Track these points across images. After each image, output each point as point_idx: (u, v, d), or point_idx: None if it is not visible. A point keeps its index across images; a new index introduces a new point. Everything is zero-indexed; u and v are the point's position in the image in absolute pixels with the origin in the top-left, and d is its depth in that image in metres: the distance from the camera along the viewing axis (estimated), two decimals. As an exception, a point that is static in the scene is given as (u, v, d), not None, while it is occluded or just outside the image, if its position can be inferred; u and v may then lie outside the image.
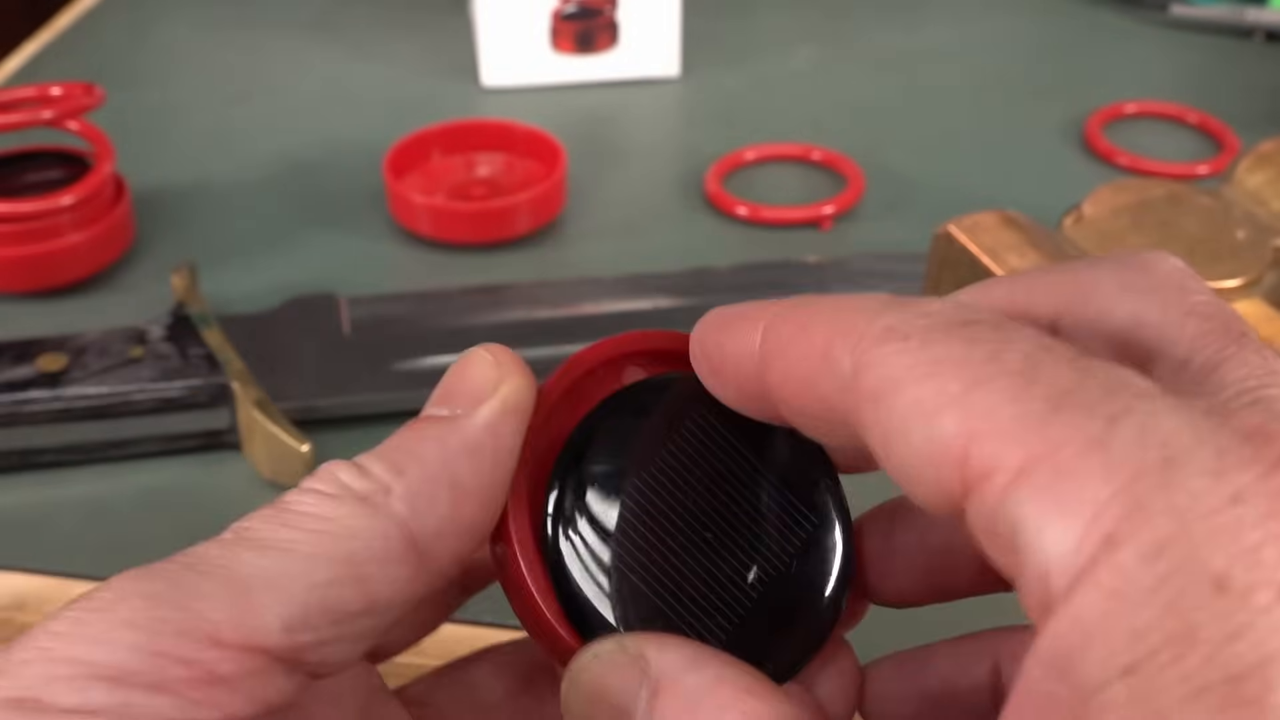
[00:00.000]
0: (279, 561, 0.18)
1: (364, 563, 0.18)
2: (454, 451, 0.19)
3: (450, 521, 0.19)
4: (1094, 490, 0.14)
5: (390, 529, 0.18)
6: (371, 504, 0.19)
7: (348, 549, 0.18)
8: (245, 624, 0.17)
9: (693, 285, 0.49)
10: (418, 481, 0.19)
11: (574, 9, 0.62)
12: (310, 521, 0.18)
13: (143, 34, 0.71)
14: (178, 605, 0.17)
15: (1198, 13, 0.70)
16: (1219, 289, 0.41)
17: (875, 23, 0.72)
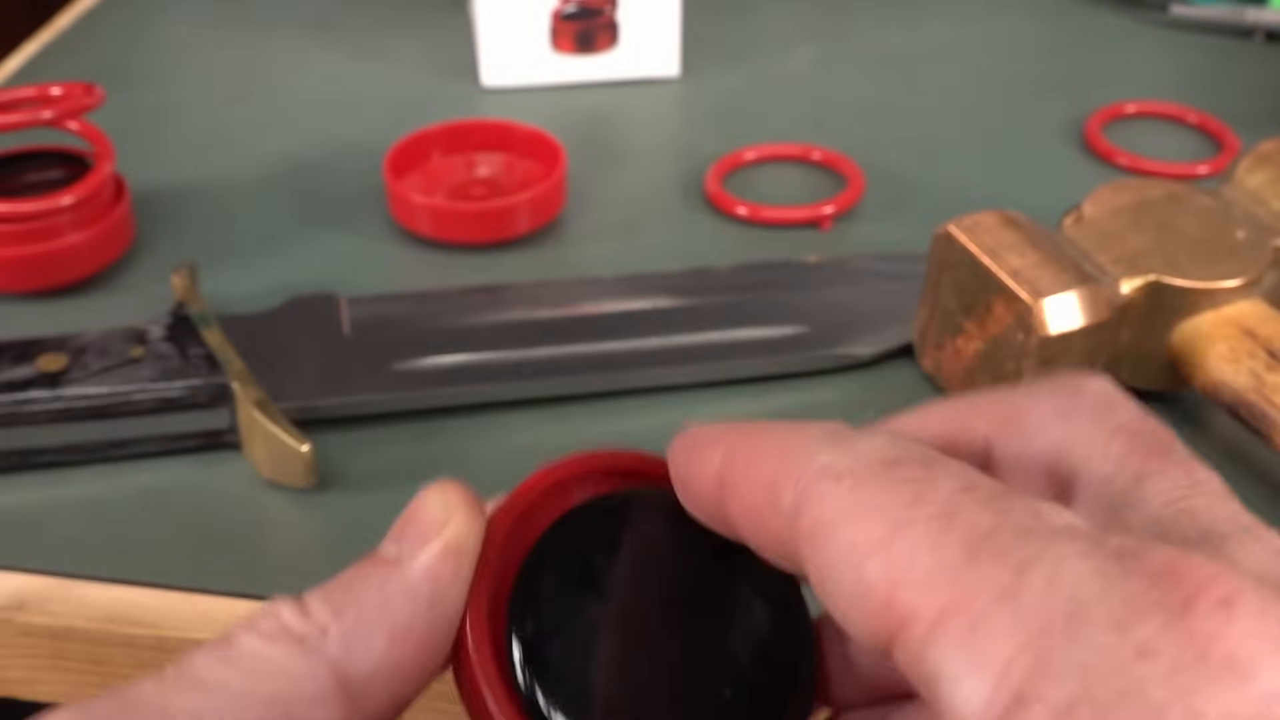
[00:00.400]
0: (210, 700, 0.19)
1: (292, 702, 0.19)
2: (392, 595, 0.20)
3: (385, 663, 0.20)
4: (1003, 644, 0.14)
5: (321, 670, 0.19)
6: (306, 645, 0.19)
7: (277, 689, 0.19)
8: None
9: (693, 285, 0.49)
10: (354, 624, 0.20)
11: (574, 9, 0.62)
12: (246, 660, 0.19)
13: (143, 34, 0.71)
14: None
15: (1198, 13, 0.70)
16: (1219, 289, 0.41)
17: (875, 23, 0.72)
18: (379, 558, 0.21)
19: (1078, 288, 0.40)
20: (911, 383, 0.45)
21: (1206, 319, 0.42)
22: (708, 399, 0.44)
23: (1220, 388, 0.40)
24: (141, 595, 0.38)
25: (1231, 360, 0.40)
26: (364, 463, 0.42)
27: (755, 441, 0.19)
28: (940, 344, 0.44)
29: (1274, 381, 0.39)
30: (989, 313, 0.41)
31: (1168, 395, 0.44)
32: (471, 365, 0.44)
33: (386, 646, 0.20)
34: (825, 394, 0.45)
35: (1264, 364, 0.40)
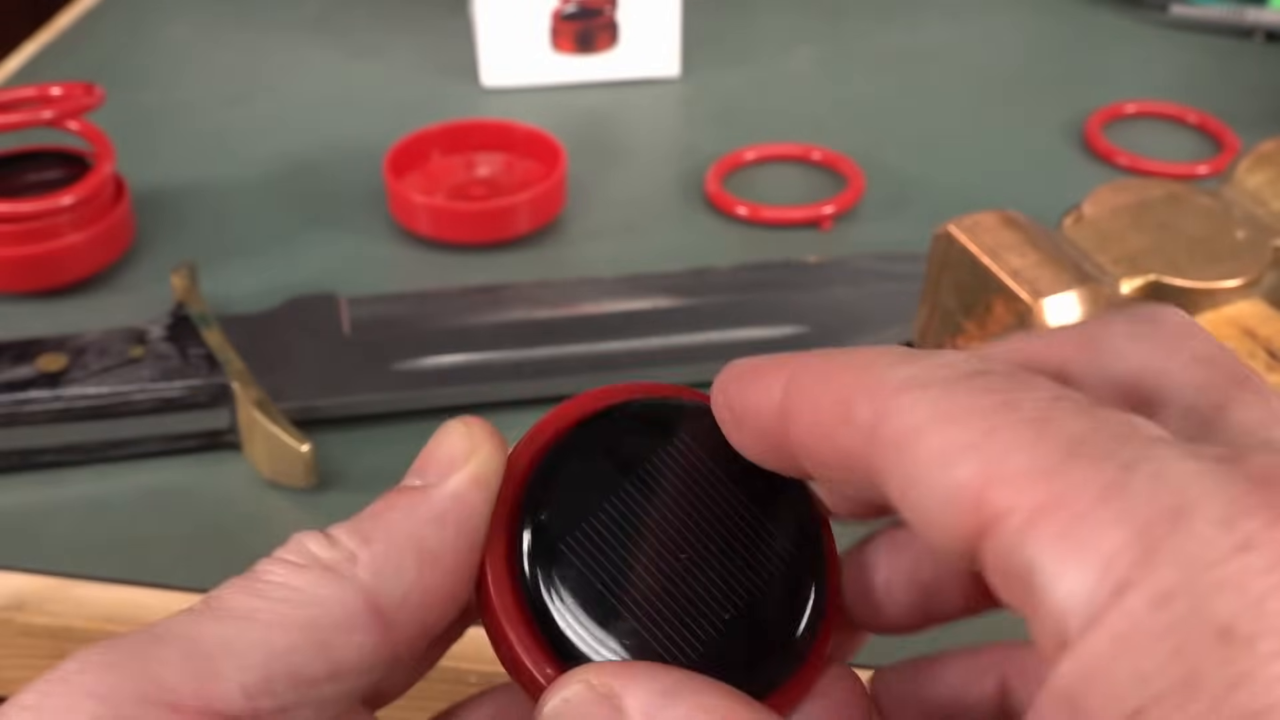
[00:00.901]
0: (241, 629, 0.18)
1: (325, 629, 0.19)
2: (421, 521, 0.20)
3: (416, 589, 0.19)
4: (1108, 537, 0.14)
5: (353, 597, 0.19)
6: (336, 572, 0.19)
7: (309, 616, 0.19)
8: (205, 690, 0.18)
9: (693, 285, 0.49)
10: (384, 550, 0.19)
11: (574, 9, 0.62)
12: (275, 590, 0.19)
13: (143, 34, 0.71)
14: (137, 674, 0.17)
15: (1198, 13, 0.70)
16: (1219, 289, 0.41)
17: (875, 23, 0.72)
18: (404, 488, 0.20)
19: (1078, 288, 0.40)
20: (911, 383, 0.45)
21: (1206, 319, 0.42)
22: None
23: (1220, 388, 0.40)
24: (141, 595, 0.38)
25: (1231, 360, 0.40)
26: (364, 463, 0.42)
27: (824, 364, 0.18)
28: (940, 344, 0.44)
29: (1274, 381, 0.39)
30: (989, 313, 0.41)
31: (1168, 395, 0.44)
32: (471, 365, 0.44)
33: (417, 572, 0.19)
34: (825, 394, 0.45)
35: (1264, 364, 0.40)
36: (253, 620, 0.18)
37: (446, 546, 0.20)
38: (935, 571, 0.23)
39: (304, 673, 0.18)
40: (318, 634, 0.19)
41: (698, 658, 0.20)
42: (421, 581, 0.19)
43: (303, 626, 0.19)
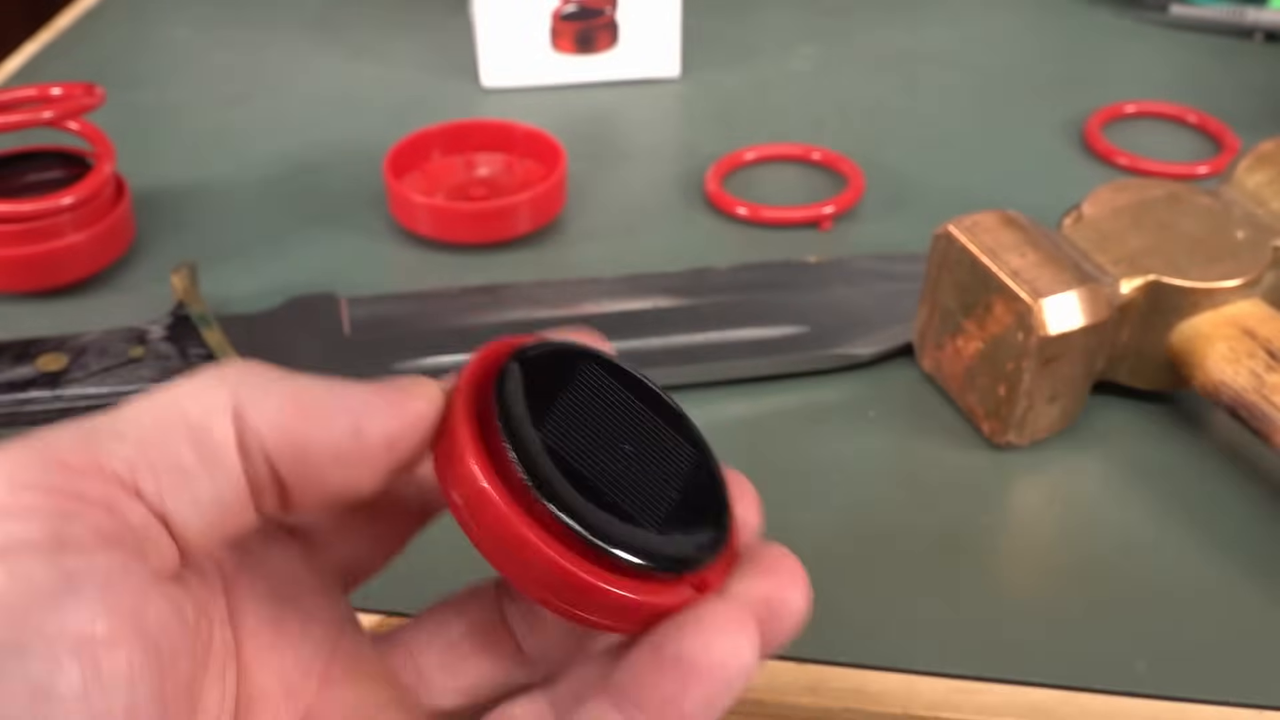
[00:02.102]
0: (126, 419, 0.21)
1: (195, 428, 0.21)
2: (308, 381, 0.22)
3: (284, 418, 0.21)
4: None
5: (224, 402, 0.21)
6: (210, 380, 0.22)
7: (180, 412, 0.21)
8: (89, 452, 0.20)
9: (693, 285, 0.49)
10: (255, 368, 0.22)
11: (574, 9, 0.62)
12: (159, 392, 0.21)
13: (143, 34, 0.71)
14: (34, 447, 0.20)
15: (1198, 13, 0.70)
16: (1219, 289, 0.41)
17: (875, 23, 0.72)
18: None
19: (1077, 288, 0.40)
20: (911, 383, 0.45)
21: (1206, 319, 0.42)
22: (708, 399, 0.44)
23: (1220, 388, 0.40)
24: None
25: (1231, 360, 0.40)
26: (364, 463, 0.42)
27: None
28: (940, 344, 0.44)
29: (1274, 381, 0.39)
30: (989, 313, 0.41)
31: (1168, 395, 0.44)
32: (471, 365, 0.44)
33: (279, 410, 0.21)
34: (825, 394, 0.45)
35: (1264, 364, 0.40)
36: (135, 408, 0.21)
37: (326, 406, 0.22)
38: None
39: (175, 459, 0.20)
40: (189, 431, 0.21)
41: (664, 524, 0.22)
42: (283, 418, 0.21)
43: (176, 419, 0.21)
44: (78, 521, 0.19)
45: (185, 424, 0.21)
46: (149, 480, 0.20)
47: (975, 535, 0.40)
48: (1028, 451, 0.42)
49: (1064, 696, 0.35)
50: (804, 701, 0.35)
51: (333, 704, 0.24)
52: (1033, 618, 0.37)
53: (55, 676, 0.18)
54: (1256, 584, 0.38)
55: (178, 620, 0.20)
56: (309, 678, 0.24)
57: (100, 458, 0.20)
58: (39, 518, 0.19)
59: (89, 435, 0.20)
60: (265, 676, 0.24)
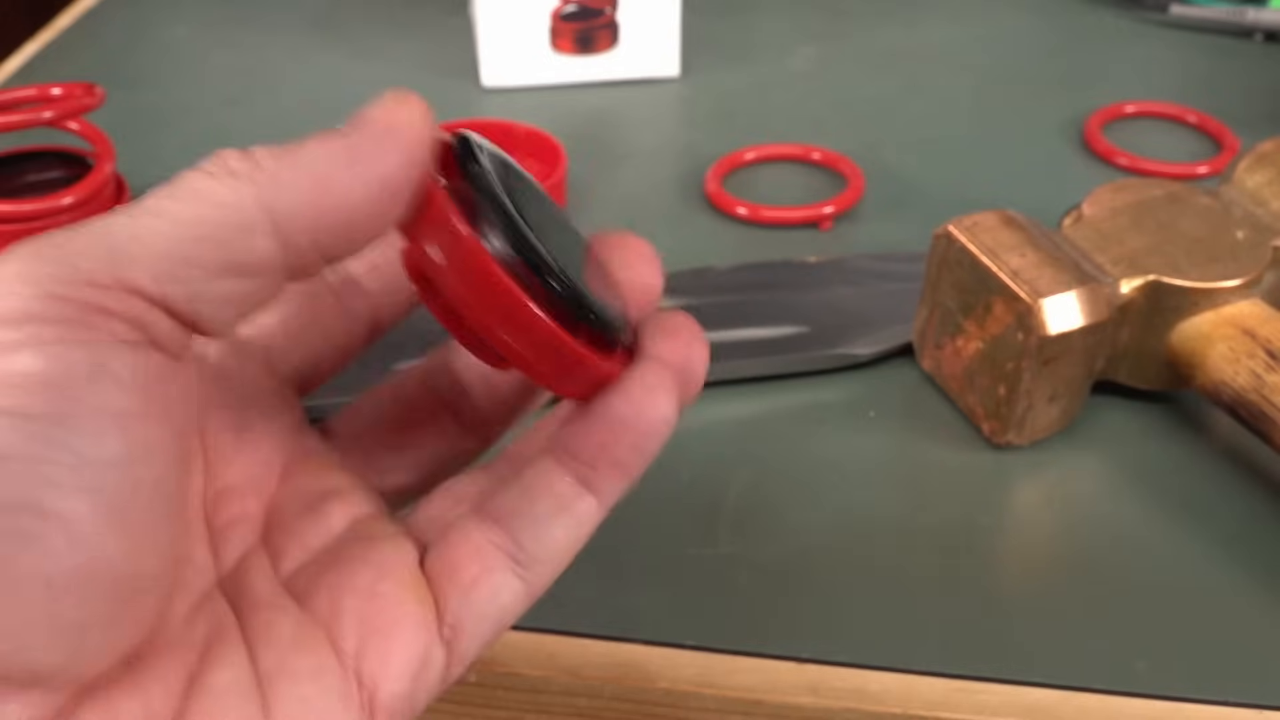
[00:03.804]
0: (149, 224, 0.21)
1: (224, 228, 0.21)
2: (328, 152, 0.22)
3: (308, 207, 0.22)
4: None
5: (249, 200, 0.21)
6: (239, 179, 0.22)
7: (210, 215, 0.21)
8: (116, 269, 0.20)
9: (693, 285, 0.49)
10: (288, 166, 0.22)
11: (574, 9, 0.62)
12: (185, 193, 0.21)
13: (143, 34, 0.71)
14: (58, 260, 0.20)
15: (1198, 13, 0.70)
16: (1219, 289, 0.41)
17: (875, 22, 0.72)
18: (331, 129, 0.23)
19: (1077, 288, 0.40)
20: (911, 383, 0.45)
21: (1206, 319, 0.42)
22: (708, 399, 0.45)
23: (1220, 388, 0.41)
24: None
25: (1231, 360, 0.40)
26: (364, 463, 0.42)
27: None
28: (940, 344, 0.44)
29: (1274, 381, 0.39)
30: (989, 313, 0.41)
31: (1168, 395, 0.44)
32: (471, 365, 0.44)
33: (311, 193, 0.22)
34: (825, 394, 0.45)
35: (1264, 364, 0.40)
36: (160, 217, 0.21)
37: (339, 174, 0.22)
38: None
39: (204, 263, 0.21)
40: (217, 231, 0.21)
41: (598, 298, 0.24)
42: (315, 202, 0.22)
43: (203, 223, 0.21)
44: (103, 325, 0.20)
45: (210, 221, 0.21)
46: (171, 285, 0.21)
47: (975, 535, 0.40)
48: (1028, 451, 0.42)
49: (1063, 696, 0.35)
50: (804, 701, 0.35)
51: (293, 494, 0.26)
52: (1032, 618, 0.37)
53: (98, 445, 0.20)
54: (1256, 584, 0.38)
55: (186, 404, 0.22)
56: (270, 472, 0.27)
57: (126, 278, 0.21)
58: (63, 324, 0.20)
59: (114, 251, 0.21)
60: (231, 473, 0.26)
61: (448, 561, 0.25)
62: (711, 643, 0.36)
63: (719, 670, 0.36)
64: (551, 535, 0.25)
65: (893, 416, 0.44)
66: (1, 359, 0.19)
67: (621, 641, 0.36)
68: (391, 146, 0.22)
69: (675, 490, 0.41)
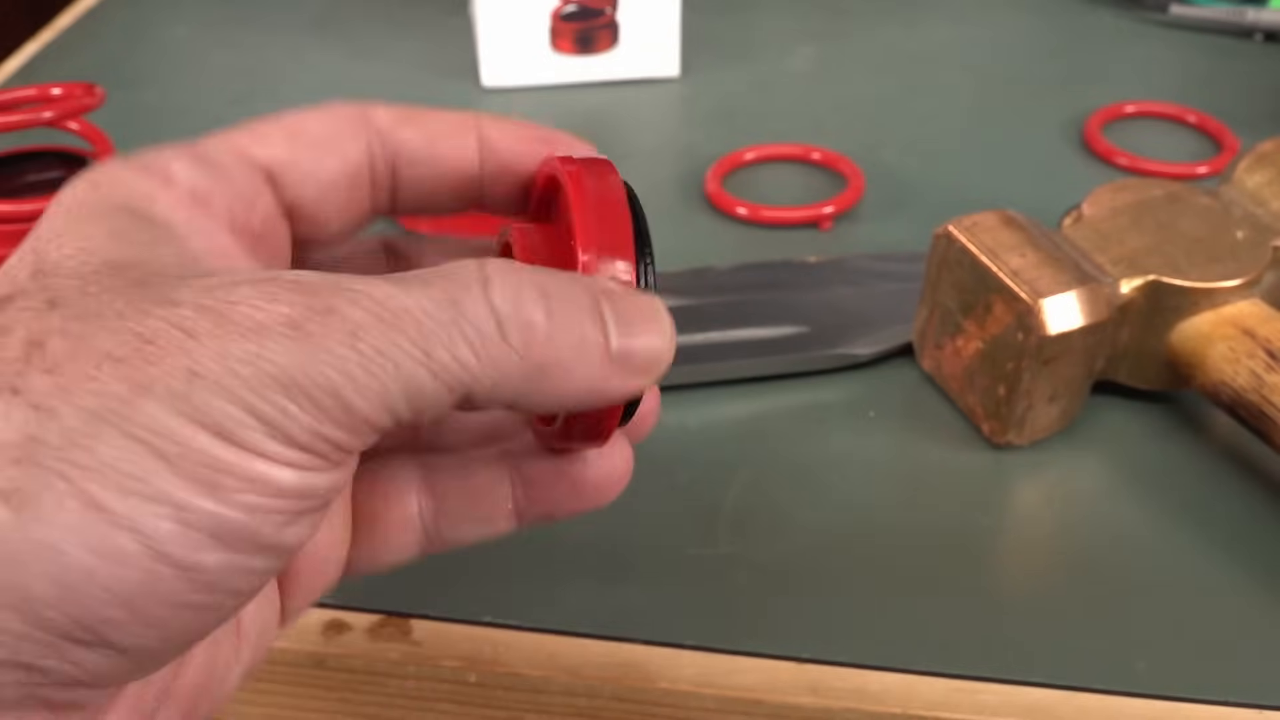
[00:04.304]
0: (270, 127, 0.25)
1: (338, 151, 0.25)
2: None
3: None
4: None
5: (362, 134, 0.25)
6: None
7: (324, 124, 0.25)
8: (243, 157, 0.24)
9: (693, 285, 0.49)
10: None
11: (574, 9, 0.62)
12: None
13: (143, 34, 0.71)
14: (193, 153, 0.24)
15: (1198, 13, 0.70)
16: (1218, 289, 0.41)
17: (875, 23, 0.72)
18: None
19: (1077, 288, 0.40)
20: (911, 383, 0.45)
21: (1206, 319, 0.42)
22: (708, 399, 0.45)
23: (1220, 388, 0.41)
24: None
25: (1231, 360, 0.40)
26: (364, 463, 0.42)
27: None
28: (940, 344, 0.44)
29: (1274, 381, 0.39)
30: (989, 313, 0.41)
31: (1168, 395, 0.44)
32: (471, 365, 0.44)
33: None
34: (825, 394, 0.45)
35: (1263, 364, 0.40)
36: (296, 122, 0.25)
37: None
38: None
39: (319, 170, 0.25)
40: (329, 150, 0.25)
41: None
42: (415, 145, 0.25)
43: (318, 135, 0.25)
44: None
45: (323, 142, 0.24)
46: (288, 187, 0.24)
47: (975, 535, 0.40)
48: (1028, 451, 0.42)
49: (1063, 696, 0.35)
50: (804, 701, 0.35)
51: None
52: (1032, 618, 0.37)
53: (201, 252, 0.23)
54: (1256, 584, 0.38)
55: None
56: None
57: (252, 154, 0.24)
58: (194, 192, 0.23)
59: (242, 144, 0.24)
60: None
61: (378, 505, 0.26)
62: (711, 643, 0.36)
63: (719, 670, 0.36)
64: (467, 536, 0.27)
65: (893, 416, 0.44)
66: None
67: (621, 641, 0.36)
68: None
69: (675, 490, 0.41)
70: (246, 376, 0.19)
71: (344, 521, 0.26)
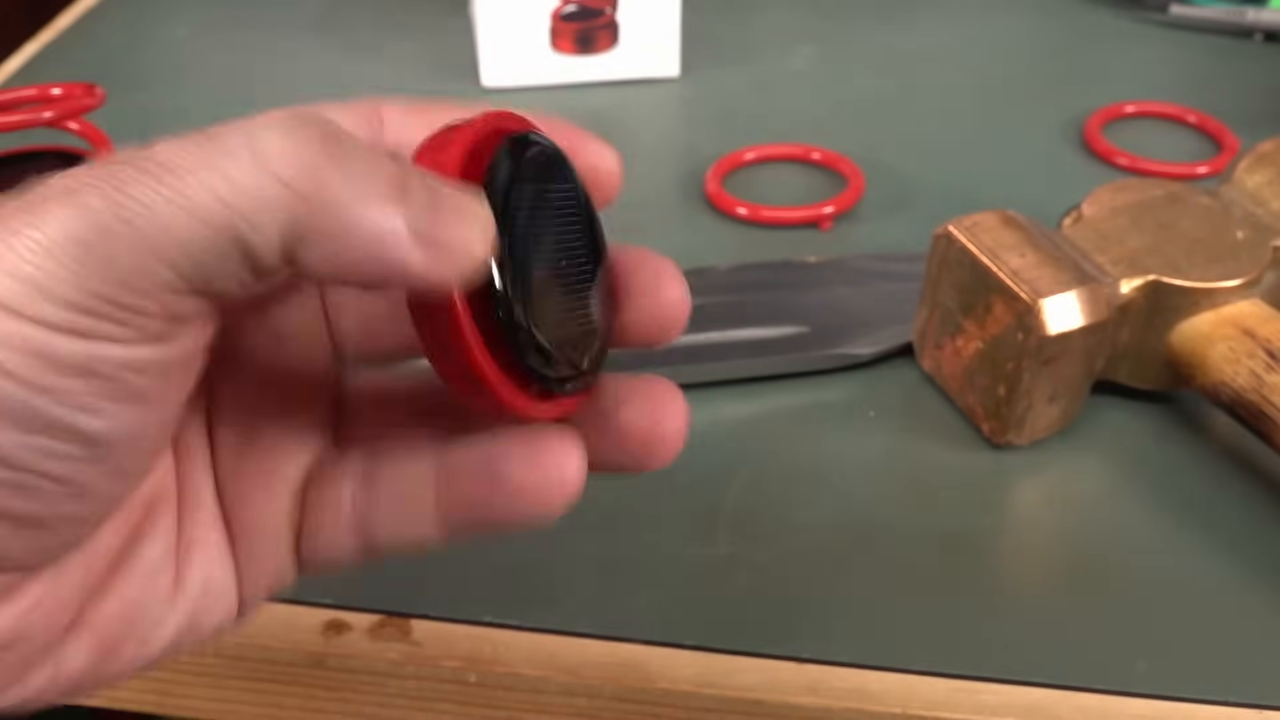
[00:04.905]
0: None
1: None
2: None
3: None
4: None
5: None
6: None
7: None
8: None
9: (693, 285, 0.48)
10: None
11: (574, 9, 0.62)
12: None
13: (143, 34, 0.71)
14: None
15: (1198, 13, 0.70)
16: (1218, 289, 0.41)
17: (875, 23, 0.72)
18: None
19: (1077, 288, 0.40)
20: (911, 383, 0.45)
21: (1206, 319, 0.42)
22: (708, 399, 0.45)
23: (1220, 388, 0.41)
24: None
25: (1231, 360, 0.40)
26: (364, 463, 0.42)
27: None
28: (940, 344, 0.44)
29: (1274, 381, 0.39)
30: (989, 313, 0.41)
31: (1168, 395, 0.44)
32: (472, 365, 0.44)
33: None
34: (825, 394, 0.45)
35: (1263, 364, 0.40)
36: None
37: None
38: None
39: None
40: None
41: (559, 340, 0.23)
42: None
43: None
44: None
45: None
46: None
47: (975, 535, 0.40)
48: (1028, 451, 0.42)
49: (1063, 696, 0.35)
50: (804, 701, 0.35)
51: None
52: (1033, 618, 0.37)
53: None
54: (1256, 584, 0.38)
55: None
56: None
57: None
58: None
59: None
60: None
61: (311, 492, 0.25)
62: (711, 643, 0.36)
63: (719, 670, 0.36)
64: (394, 541, 0.25)
65: (893, 416, 0.44)
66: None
67: (621, 641, 0.36)
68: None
69: (675, 490, 0.41)
70: (13, 244, 0.19)
71: (286, 491, 0.25)
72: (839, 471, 0.42)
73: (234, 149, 0.19)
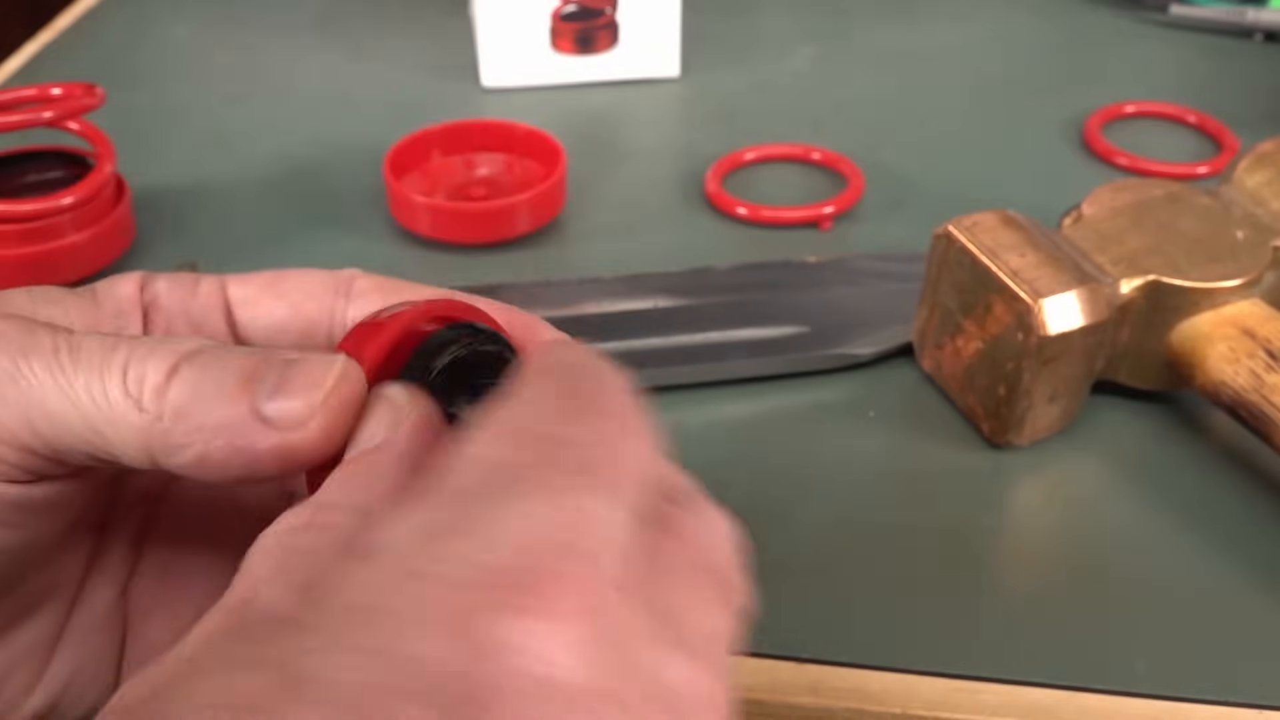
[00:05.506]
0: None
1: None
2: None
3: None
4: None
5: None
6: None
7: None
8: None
9: (693, 285, 0.49)
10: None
11: (574, 9, 0.62)
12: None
13: (142, 34, 0.71)
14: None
15: (1198, 13, 0.70)
16: (1218, 289, 0.41)
17: (875, 23, 0.72)
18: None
19: (1077, 288, 0.40)
20: (911, 383, 0.45)
21: (1206, 319, 0.42)
22: (708, 399, 0.45)
23: (1220, 388, 0.41)
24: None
25: (1231, 360, 0.40)
26: (364, 463, 0.42)
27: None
28: (940, 344, 0.44)
29: (1273, 381, 0.39)
30: (989, 313, 0.41)
31: (1168, 395, 0.44)
32: (471, 365, 0.44)
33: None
34: (825, 394, 0.45)
35: (1263, 364, 0.40)
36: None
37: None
38: None
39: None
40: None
41: None
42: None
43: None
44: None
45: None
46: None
47: (975, 535, 0.40)
48: (1028, 451, 0.42)
49: (1064, 696, 0.35)
50: (804, 701, 0.35)
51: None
52: (1033, 618, 0.37)
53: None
54: (1256, 584, 0.38)
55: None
56: None
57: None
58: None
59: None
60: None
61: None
62: (711, 643, 0.36)
63: (719, 670, 0.35)
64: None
65: (893, 416, 0.44)
66: None
67: (621, 641, 0.36)
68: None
69: (675, 490, 0.41)
70: None
71: (191, 616, 0.25)
72: (839, 471, 0.42)
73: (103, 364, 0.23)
